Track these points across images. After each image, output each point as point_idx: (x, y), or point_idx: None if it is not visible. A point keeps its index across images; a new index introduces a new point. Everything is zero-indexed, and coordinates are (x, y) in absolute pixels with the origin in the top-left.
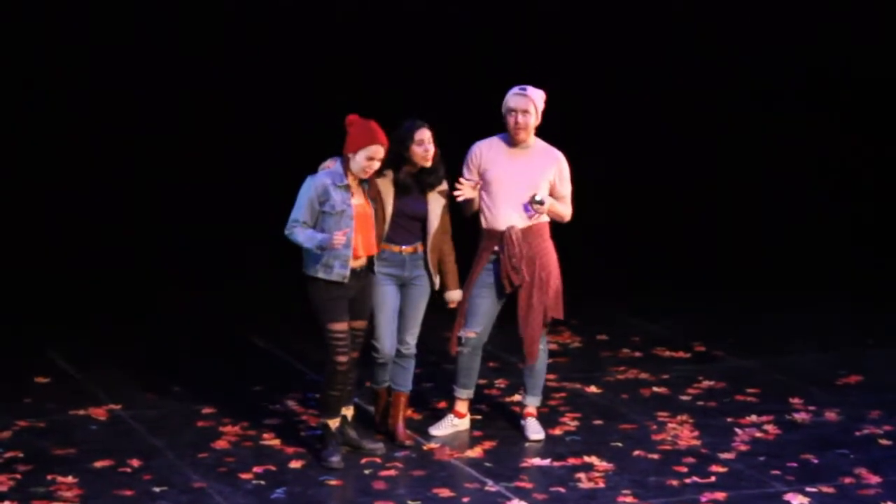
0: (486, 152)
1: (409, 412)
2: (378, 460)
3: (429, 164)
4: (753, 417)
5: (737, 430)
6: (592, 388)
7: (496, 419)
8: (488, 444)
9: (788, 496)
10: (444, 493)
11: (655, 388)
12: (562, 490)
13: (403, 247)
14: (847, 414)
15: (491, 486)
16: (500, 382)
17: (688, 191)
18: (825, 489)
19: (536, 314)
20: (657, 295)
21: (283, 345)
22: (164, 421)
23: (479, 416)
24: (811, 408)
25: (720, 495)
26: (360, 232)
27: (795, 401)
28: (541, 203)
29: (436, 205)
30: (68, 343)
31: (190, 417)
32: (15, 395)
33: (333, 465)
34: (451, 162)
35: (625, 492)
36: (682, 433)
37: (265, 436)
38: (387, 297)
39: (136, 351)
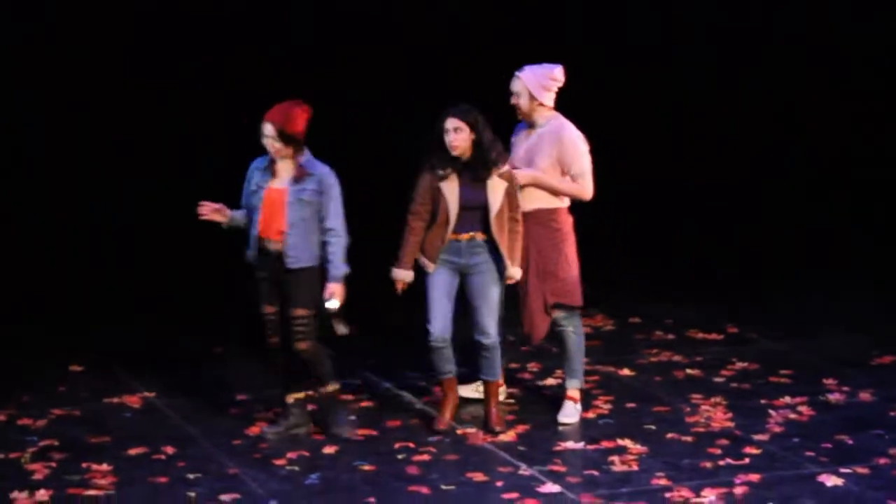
0: (514, 137)
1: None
2: (412, 445)
3: (454, 152)
4: (787, 399)
5: (770, 411)
6: (625, 371)
7: (529, 403)
8: (521, 428)
9: (823, 477)
10: (478, 476)
11: (689, 371)
12: (595, 473)
13: (461, 234)
14: (881, 394)
15: (524, 470)
16: (533, 366)
17: (721, 174)
18: (860, 470)
19: (532, 300)
20: (690, 277)
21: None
22: (198, 408)
23: (511, 400)
24: (845, 389)
25: (754, 477)
26: (266, 214)
27: (829, 382)
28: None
29: (496, 191)
30: (102, 331)
31: (223, 404)
32: (50, 383)
33: (266, 434)
34: None
35: (658, 474)
36: (716, 415)
37: None
38: (436, 279)
39: (169, 339)
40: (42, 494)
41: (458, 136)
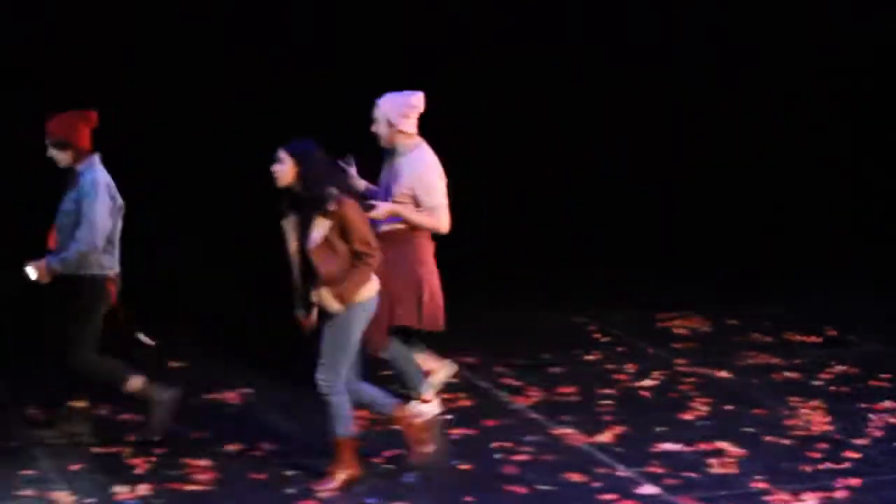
0: (384, 161)
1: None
2: (509, 444)
3: (277, 183)
4: (887, 403)
5: (870, 415)
6: (723, 373)
7: (626, 403)
8: (619, 429)
9: None
10: (576, 477)
11: (787, 373)
12: (693, 475)
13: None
14: None
15: (622, 472)
16: (630, 367)
17: (821, 175)
18: None
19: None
20: (788, 279)
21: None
22: (297, 405)
23: (609, 402)
24: None
25: (854, 481)
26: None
27: None
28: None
29: (317, 232)
30: (201, 327)
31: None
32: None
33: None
34: None
35: (757, 477)
36: (815, 419)
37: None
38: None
39: (268, 336)
40: (144, 488)
41: (279, 168)
